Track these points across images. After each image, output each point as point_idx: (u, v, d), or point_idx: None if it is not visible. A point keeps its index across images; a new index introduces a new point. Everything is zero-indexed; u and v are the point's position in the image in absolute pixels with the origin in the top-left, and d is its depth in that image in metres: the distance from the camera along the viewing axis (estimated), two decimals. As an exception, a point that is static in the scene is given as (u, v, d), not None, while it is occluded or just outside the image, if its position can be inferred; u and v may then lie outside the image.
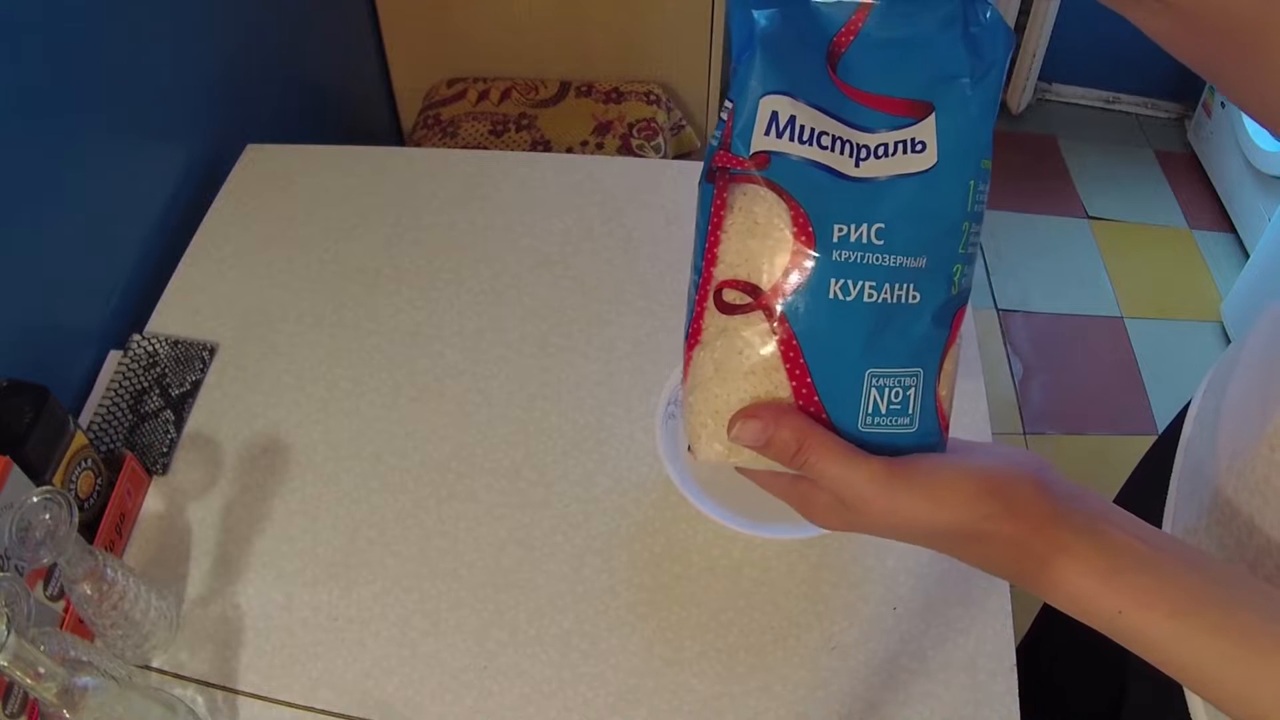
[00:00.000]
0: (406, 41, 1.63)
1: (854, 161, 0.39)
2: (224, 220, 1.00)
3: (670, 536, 0.76)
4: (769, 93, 0.38)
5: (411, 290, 0.93)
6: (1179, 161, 2.34)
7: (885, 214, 0.39)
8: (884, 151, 0.39)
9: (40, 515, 0.55)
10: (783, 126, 0.38)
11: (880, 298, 0.39)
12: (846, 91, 0.39)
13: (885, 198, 0.39)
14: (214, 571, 0.74)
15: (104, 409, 0.83)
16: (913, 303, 0.39)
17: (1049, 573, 0.39)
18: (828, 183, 0.38)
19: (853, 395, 0.40)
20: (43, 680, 0.50)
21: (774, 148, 0.38)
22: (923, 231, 0.39)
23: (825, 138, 0.38)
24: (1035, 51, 2.24)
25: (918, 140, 0.39)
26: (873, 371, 0.40)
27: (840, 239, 0.38)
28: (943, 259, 0.40)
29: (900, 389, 0.40)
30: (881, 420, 0.40)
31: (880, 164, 0.39)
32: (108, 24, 0.90)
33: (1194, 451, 0.65)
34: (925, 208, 0.39)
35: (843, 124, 0.39)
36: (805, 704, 0.68)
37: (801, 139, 0.38)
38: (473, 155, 1.10)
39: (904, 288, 0.39)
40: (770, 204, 0.38)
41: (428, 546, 0.76)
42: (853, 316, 0.39)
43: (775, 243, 0.38)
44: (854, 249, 0.38)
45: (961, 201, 0.40)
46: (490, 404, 0.85)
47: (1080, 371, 1.93)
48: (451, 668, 0.69)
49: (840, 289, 0.38)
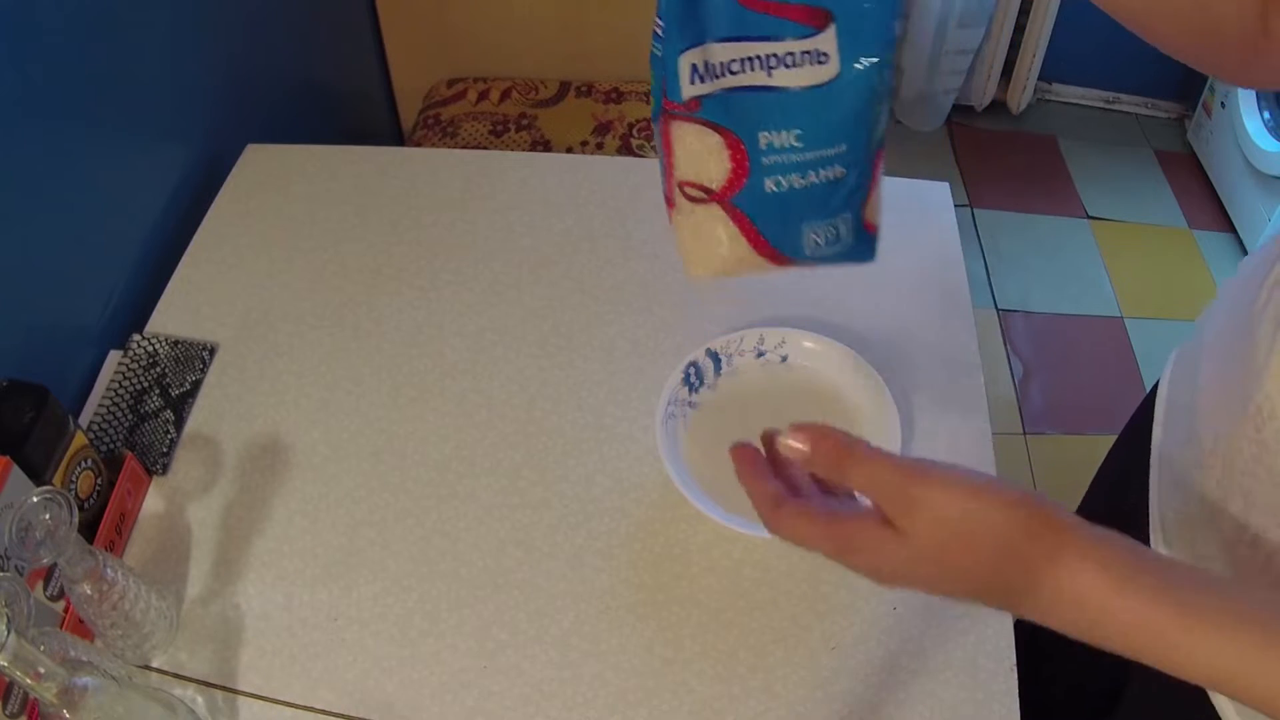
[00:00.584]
0: (406, 41, 1.63)
1: (766, 72, 0.46)
2: (224, 220, 1.00)
3: (670, 536, 0.76)
4: (684, 49, 0.46)
5: (411, 290, 0.93)
6: (1179, 161, 2.34)
7: (801, 121, 0.47)
8: (791, 61, 0.46)
9: (40, 515, 0.55)
10: (702, 73, 0.47)
11: (808, 181, 0.49)
12: (751, 5, 0.46)
13: (799, 107, 0.47)
14: (214, 571, 0.74)
15: (104, 409, 0.83)
16: (838, 177, 0.49)
17: (1074, 577, 0.39)
18: (750, 101, 0.47)
19: (797, 240, 0.51)
20: (43, 680, 0.50)
21: (700, 92, 0.47)
22: (836, 127, 0.48)
23: (735, 64, 0.46)
24: (1035, 51, 2.23)
25: (820, 51, 0.46)
26: (810, 224, 0.51)
27: (767, 146, 0.48)
28: (859, 140, 0.49)
29: (834, 228, 0.52)
30: (821, 249, 0.52)
31: (790, 74, 0.46)
32: (108, 24, 0.90)
33: (1172, 438, 0.65)
34: (835, 109, 0.47)
35: (751, 41, 0.46)
36: (805, 704, 0.68)
37: (717, 75, 0.47)
38: (473, 155, 1.10)
39: (829, 169, 0.49)
40: (707, 135, 0.48)
41: (428, 546, 0.76)
42: (788, 199, 0.49)
43: (717, 161, 0.49)
44: (779, 153, 0.48)
45: (868, 96, 0.47)
46: (490, 404, 0.85)
47: (1080, 371, 1.93)
48: (451, 668, 0.69)
49: (774, 184, 0.49)
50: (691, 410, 0.80)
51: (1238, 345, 0.56)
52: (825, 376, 0.82)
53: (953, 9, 2.08)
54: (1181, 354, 0.70)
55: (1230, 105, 2.09)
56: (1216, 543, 0.56)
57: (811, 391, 0.81)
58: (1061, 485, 1.72)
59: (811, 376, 0.82)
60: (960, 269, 0.95)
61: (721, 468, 0.76)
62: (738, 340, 0.82)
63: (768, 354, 0.83)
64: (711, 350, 0.81)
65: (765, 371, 0.83)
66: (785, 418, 0.79)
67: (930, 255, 0.97)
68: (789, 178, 0.49)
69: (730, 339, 0.82)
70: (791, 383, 0.82)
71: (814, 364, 0.82)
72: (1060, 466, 1.76)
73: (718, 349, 0.81)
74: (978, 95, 2.34)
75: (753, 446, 0.46)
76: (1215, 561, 0.56)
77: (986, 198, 2.24)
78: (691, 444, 0.78)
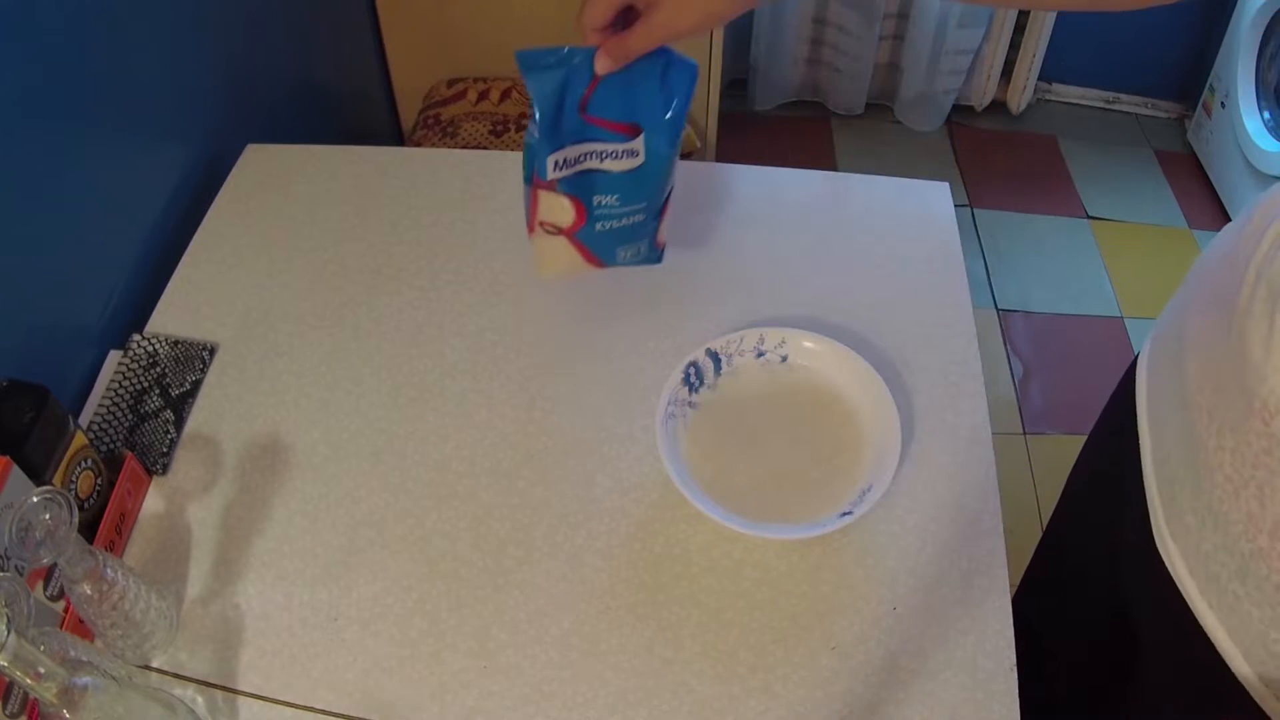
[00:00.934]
0: (406, 41, 1.63)
1: (599, 161, 0.70)
2: (224, 220, 1.00)
3: (670, 536, 0.76)
4: (551, 152, 0.68)
5: (411, 290, 0.93)
6: (1179, 161, 2.34)
7: (619, 190, 0.72)
8: (616, 156, 0.70)
9: (40, 515, 0.55)
10: (560, 165, 0.69)
11: (622, 224, 0.74)
12: (592, 121, 0.68)
13: (619, 183, 0.71)
14: (214, 571, 0.74)
15: (104, 409, 0.83)
16: (640, 220, 0.75)
17: None
18: (589, 178, 0.71)
19: (613, 255, 0.77)
20: (43, 680, 0.50)
21: (559, 175, 0.70)
22: (640, 192, 0.73)
23: (581, 157, 0.70)
24: (1035, 51, 2.23)
25: (633, 150, 0.70)
26: (622, 246, 0.77)
27: (598, 205, 0.73)
28: (655, 199, 0.74)
29: (637, 248, 0.78)
30: (629, 259, 0.78)
31: (615, 163, 0.70)
32: (108, 24, 0.90)
33: (1164, 438, 0.65)
34: (640, 184, 0.72)
35: (590, 143, 0.69)
36: (805, 704, 0.68)
37: (570, 165, 0.70)
38: (473, 155, 1.11)
39: (634, 216, 0.74)
40: (561, 198, 0.72)
41: (428, 546, 0.76)
42: (609, 234, 0.75)
43: (566, 213, 0.73)
44: (605, 209, 0.73)
45: (661, 175, 0.72)
46: (490, 404, 0.85)
47: (1080, 371, 1.93)
48: (451, 668, 0.69)
49: (601, 226, 0.74)
50: (692, 410, 0.80)
51: (1225, 341, 0.56)
52: (825, 376, 0.82)
53: (952, 9, 2.08)
54: (1156, 352, 0.70)
55: (1230, 105, 2.09)
56: (1223, 537, 0.56)
57: (811, 391, 0.81)
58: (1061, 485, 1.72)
59: (811, 376, 0.82)
60: (960, 269, 0.95)
61: (722, 468, 0.76)
62: (738, 340, 0.82)
63: (768, 354, 0.83)
64: (711, 350, 0.81)
65: (765, 371, 0.83)
66: (785, 418, 0.80)
67: (930, 255, 0.97)
68: (610, 223, 0.74)
69: (730, 339, 0.82)
70: (792, 382, 0.82)
71: (814, 364, 0.82)
72: (1060, 466, 1.75)
73: (718, 349, 0.82)
74: (978, 95, 2.34)
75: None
76: (1223, 555, 0.56)
77: (986, 198, 2.24)
78: (691, 444, 0.78)
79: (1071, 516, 0.91)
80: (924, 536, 0.76)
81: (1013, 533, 0.77)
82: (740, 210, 1.02)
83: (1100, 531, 0.79)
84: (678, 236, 0.98)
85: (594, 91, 0.66)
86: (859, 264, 0.96)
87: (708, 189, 1.03)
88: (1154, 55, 2.31)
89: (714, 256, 0.97)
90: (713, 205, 1.02)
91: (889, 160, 2.30)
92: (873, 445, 0.77)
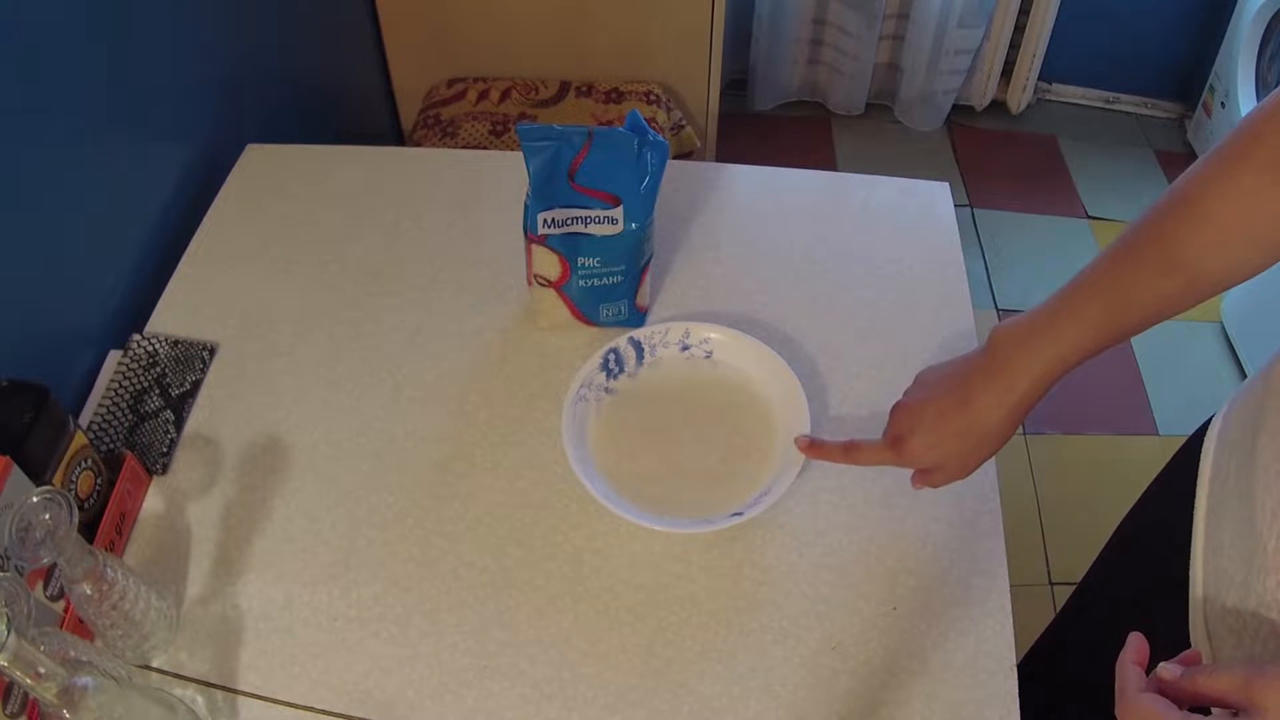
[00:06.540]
0: (406, 41, 1.63)
1: (584, 225, 0.80)
2: (224, 220, 1.00)
3: (670, 536, 0.76)
4: (541, 210, 0.79)
5: (411, 290, 0.93)
6: (1179, 161, 2.34)
7: (601, 253, 0.82)
8: (599, 221, 0.80)
9: (40, 515, 0.55)
10: (549, 223, 0.80)
11: (603, 283, 0.84)
12: (579, 189, 0.79)
13: (600, 246, 0.82)
14: (214, 571, 0.74)
15: (104, 409, 0.83)
16: (619, 282, 0.85)
17: None
18: (574, 240, 0.81)
19: (597, 312, 0.87)
20: (43, 680, 0.50)
21: (548, 232, 0.80)
22: (620, 257, 0.83)
23: (568, 220, 0.80)
24: (1035, 51, 2.23)
25: (614, 218, 0.80)
26: (604, 305, 0.87)
27: (582, 264, 0.83)
28: (633, 264, 0.84)
29: (618, 305, 0.87)
30: (611, 318, 0.88)
31: (598, 227, 0.80)
32: (108, 24, 0.90)
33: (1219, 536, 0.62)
34: (619, 249, 0.82)
35: (576, 208, 0.80)
36: (805, 704, 0.68)
37: (558, 225, 0.80)
38: (473, 155, 1.11)
39: (614, 278, 0.84)
40: (550, 254, 0.82)
41: (428, 546, 0.76)
42: (592, 290, 0.85)
43: (554, 267, 0.83)
44: (588, 269, 0.83)
45: (638, 242, 0.82)
46: (490, 404, 0.85)
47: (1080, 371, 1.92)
48: (451, 668, 0.69)
49: (585, 283, 0.84)
50: (608, 396, 0.81)
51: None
52: (747, 375, 0.82)
53: (953, 9, 2.08)
54: (1227, 432, 0.66)
55: (1230, 105, 2.09)
56: (1274, 640, 0.54)
57: (730, 389, 0.82)
58: (1061, 485, 1.72)
59: (733, 374, 0.83)
60: (960, 269, 0.95)
61: (625, 455, 0.77)
62: (663, 331, 0.83)
63: (692, 348, 0.84)
64: (635, 339, 0.82)
65: (688, 365, 0.84)
66: (699, 413, 0.81)
67: (930, 255, 0.97)
68: (592, 281, 0.84)
69: (655, 329, 0.83)
70: (713, 379, 0.83)
71: (738, 362, 0.83)
72: (1060, 466, 1.76)
73: (641, 338, 0.82)
74: (978, 95, 2.34)
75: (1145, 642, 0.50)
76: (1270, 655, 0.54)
77: (986, 198, 2.24)
78: (600, 429, 0.79)
79: (1103, 587, 0.84)
80: (924, 536, 0.76)
81: (1013, 533, 0.77)
82: (740, 210, 1.02)
83: (1132, 607, 0.74)
84: (678, 236, 0.98)
85: (581, 162, 0.78)
86: (859, 264, 0.96)
87: (708, 189, 1.03)
88: (1154, 55, 2.31)
89: (714, 256, 0.97)
90: (713, 205, 1.02)
91: (889, 160, 2.30)
92: (781, 449, 0.77)
